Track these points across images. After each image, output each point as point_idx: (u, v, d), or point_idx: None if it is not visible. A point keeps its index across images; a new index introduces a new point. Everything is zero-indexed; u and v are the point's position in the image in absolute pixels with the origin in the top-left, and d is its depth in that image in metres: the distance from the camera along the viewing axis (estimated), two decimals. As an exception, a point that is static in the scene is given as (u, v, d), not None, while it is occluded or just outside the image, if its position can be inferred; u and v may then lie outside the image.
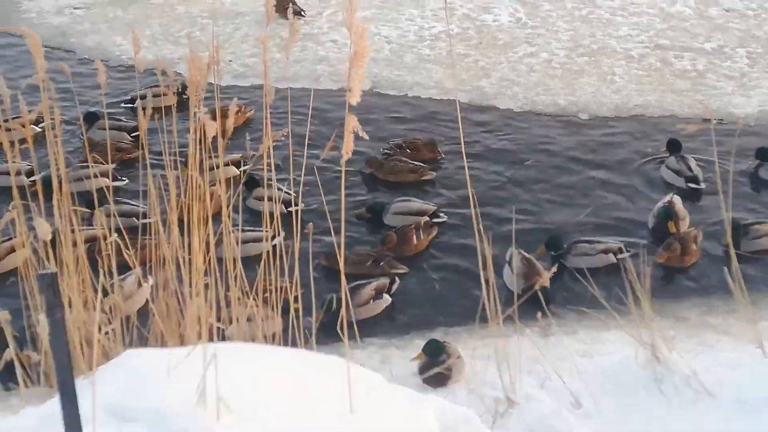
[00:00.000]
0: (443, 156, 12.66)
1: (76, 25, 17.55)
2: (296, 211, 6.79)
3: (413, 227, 10.76)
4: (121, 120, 13.26)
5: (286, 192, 10.44)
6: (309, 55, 15.85)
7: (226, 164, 11.02)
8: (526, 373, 7.32)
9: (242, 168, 11.59)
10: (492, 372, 7.11)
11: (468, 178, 7.01)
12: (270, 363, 5.36)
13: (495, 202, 11.61)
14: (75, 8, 18.35)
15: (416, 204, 11.30)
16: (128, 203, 10.78)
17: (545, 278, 8.14)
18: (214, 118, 5.90)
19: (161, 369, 5.10)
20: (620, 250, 10.39)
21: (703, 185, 11.78)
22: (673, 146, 12.31)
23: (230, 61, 15.58)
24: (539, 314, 7.95)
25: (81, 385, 5.47)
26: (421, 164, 12.34)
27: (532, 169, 12.55)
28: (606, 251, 10.37)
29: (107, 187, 8.07)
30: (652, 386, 6.93)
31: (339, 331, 6.16)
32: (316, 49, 16.10)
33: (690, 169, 11.94)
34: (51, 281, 3.34)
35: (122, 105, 13.96)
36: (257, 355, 5.48)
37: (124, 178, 11.76)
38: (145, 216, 9.25)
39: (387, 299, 9.73)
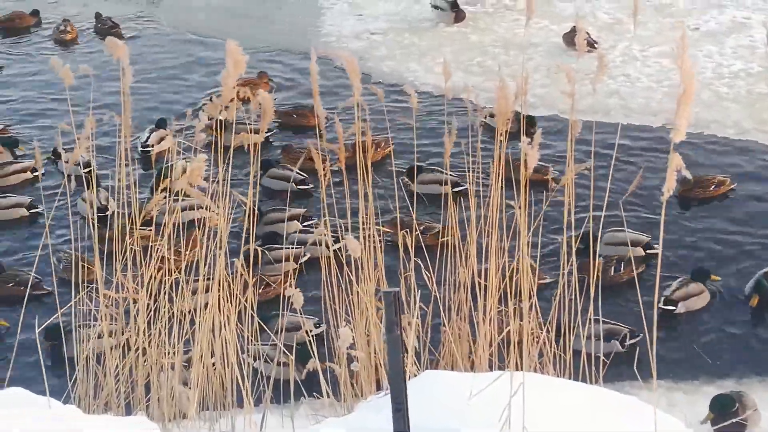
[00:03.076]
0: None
1: (373, 50, 18.13)
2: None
3: (615, 259, 10.56)
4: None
5: (451, 174, 11.29)
6: (600, 88, 15.65)
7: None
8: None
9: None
10: (793, 428, 6.78)
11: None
12: (571, 398, 5.32)
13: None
14: (372, 34, 18.98)
15: (629, 235, 11.06)
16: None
17: None
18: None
19: (463, 393, 5.15)
20: None
21: None
22: None
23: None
24: None
25: (382, 402, 5.63)
26: (545, 164, 12.23)
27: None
28: None
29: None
30: None
31: (635, 371, 6.07)
32: (607, 82, 15.92)
33: None
34: (393, 299, 3.45)
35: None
36: (558, 389, 5.46)
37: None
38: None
39: (615, 346, 9.32)
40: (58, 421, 5.77)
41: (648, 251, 11.02)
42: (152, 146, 14.05)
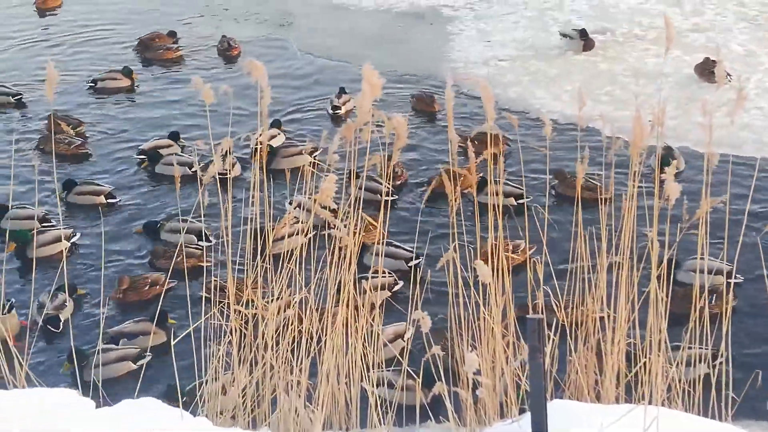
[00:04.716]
0: None
1: (500, 76, 18.11)
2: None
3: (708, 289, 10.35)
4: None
5: (515, 186, 12.48)
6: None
7: None
8: None
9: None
10: None
11: None
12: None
13: None
14: (500, 60, 18.96)
15: (712, 263, 10.77)
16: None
17: None
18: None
19: (592, 424, 5.11)
20: None
21: None
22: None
23: (650, 121, 15.43)
24: None
25: (507, 429, 5.62)
26: (596, 182, 12.70)
27: None
28: None
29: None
30: None
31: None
32: (740, 115, 15.58)
33: None
34: (537, 326, 3.45)
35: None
36: (689, 425, 5.37)
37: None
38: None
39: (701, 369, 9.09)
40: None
41: (730, 281, 10.81)
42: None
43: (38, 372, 10.39)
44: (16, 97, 17.58)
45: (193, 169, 14.11)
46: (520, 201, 12.78)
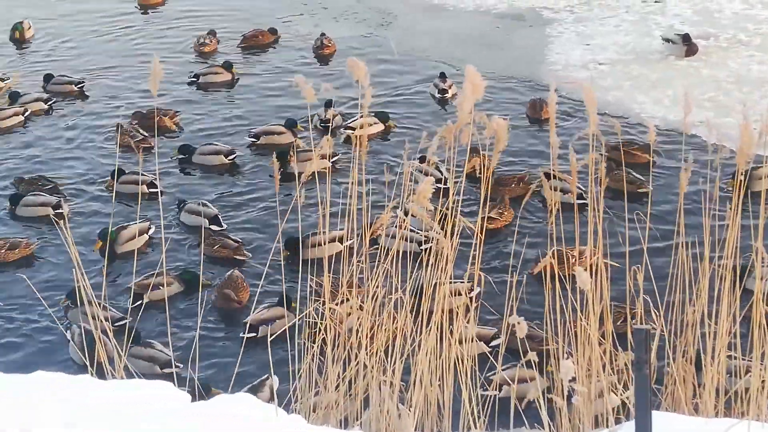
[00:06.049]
0: None
1: (600, 80, 17.88)
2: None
3: None
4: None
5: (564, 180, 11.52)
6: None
7: None
8: None
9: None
10: None
11: None
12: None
13: None
14: (600, 64, 18.75)
15: None
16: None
17: None
18: None
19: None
20: None
21: None
22: None
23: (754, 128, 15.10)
24: None
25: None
26: (640, 177, 13.10)
27: None
28: None
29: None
30: None
31: None
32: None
33: None
34: (644, 337, 3.38)
35: None
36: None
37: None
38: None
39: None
40: (282, 429, 5.93)
41: None
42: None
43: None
44: (79, 85, 18.36)
45: (230, 158, 15.12)
46: (580, 201, 12.42)
